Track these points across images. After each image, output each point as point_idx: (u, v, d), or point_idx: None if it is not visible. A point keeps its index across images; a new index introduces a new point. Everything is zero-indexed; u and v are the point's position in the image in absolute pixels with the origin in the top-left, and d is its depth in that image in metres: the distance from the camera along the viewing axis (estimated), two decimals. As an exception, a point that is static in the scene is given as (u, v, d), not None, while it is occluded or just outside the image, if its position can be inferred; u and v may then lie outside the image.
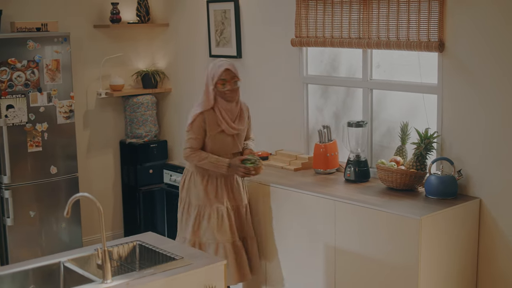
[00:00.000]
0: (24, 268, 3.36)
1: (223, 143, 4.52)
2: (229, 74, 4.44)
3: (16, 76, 5.38)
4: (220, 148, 4.52)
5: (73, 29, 5.97)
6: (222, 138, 4.51)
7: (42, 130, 5.55)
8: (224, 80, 4.42)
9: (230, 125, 4.49)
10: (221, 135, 4.50)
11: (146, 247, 3.62)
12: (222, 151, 4.53)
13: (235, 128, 4.52)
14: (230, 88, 4.44)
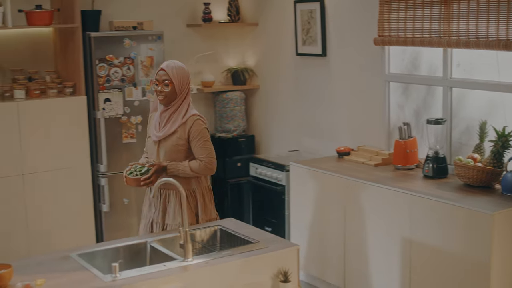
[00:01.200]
0: (115, 246, 3.68)
1: (148, 148, 4.25)
2: (162, 76, 4.07)
3: (113, 71, 5.75)
4: (148, 153, 4.28)
5: (167, 28, 6.31)
6: (149, 142, 4.23)
7: (137, 123, 5.90)
8: (156, 81, 4.09)
9: (152, 130, 4.17)
10: (149, 140, 4.23)
11: (226, 231, 3.87)
12: (149, 157, 4.24)
13: (155, 135, 4.13)
14: (159, 90, 4.07)
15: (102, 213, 5.84)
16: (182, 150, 4.08)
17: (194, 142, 4.07)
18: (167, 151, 4.09)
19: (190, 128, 4.05)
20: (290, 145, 6.46)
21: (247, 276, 3.41)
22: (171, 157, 4.09)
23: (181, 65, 4.16)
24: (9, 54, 5.70)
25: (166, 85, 4.04)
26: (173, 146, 4.07)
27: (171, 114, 4.10)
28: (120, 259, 3.48)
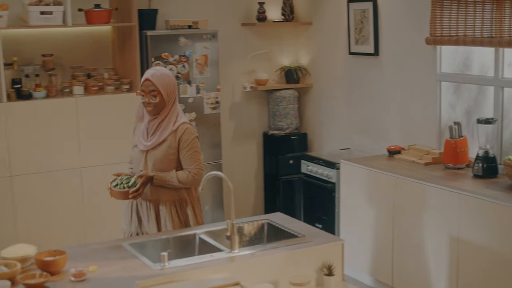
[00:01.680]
0: (165, 237, 3.81)
1: (135, 158, 4.06)
2: (148, 87, 3.88)
3: (169, 69, 5.90)
4: (133, 164, 4.09)
5: (221, 27, 6.44)
6: (135, 152, 4.04)
7: (191, 119, 6.04)
8: (142, 91, 3.90)
9: (140, 139, 4.00)
10: (135, 149, 4.05)
11: (273, 225, 3.96)
12: (135, 167, 4.06)
13: (143, 144, 3.96)
14: (146, 101, 3.89)
15: (156, 207, 6.00)
16: (172, 160, 3.93)
17: (184, 152, 3.92)
18: (156, 161, 3.92)
19: (180, 137, 3.91)
20: (342, 143, 6.52)
21: (292, 269, 3.49)
22: (160, 168, 3.91)
23: (167, 72, 3.97)
24: (69, 52, 5.91)
25: (153, 96, 3.85)
26: (163, 155, 3.90)
27: (160, 122, 3.92)
28: (170, 249, 3.59)
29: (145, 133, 3.97)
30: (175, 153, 3.92)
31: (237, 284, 3.20)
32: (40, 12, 5.37)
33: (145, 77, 3.90)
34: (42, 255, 3.31)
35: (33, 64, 5.70)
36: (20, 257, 3.31)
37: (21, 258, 3.31)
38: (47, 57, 5.68)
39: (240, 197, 6.89)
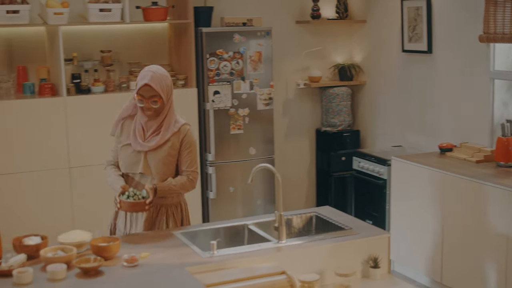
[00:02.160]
0: (216, 226, 3.93)
1: (127, 159, 3.84)
2: (148, 92, 3.68)
3: (223, 65, 6.02)
4: (123, 165, 3.86)
5: (275, 24, 6.53)
6: (128, 152, 3.83)
7: (244, 115, 6.15)
8: (141, 96, 3.70)
9: (137, 139, 3.79)
10: (128, 149, 3.83)
11: (321, 218, 4.04)
12: (126, 169, 3.86)
13: (139, 144, 3.79)
14: (146, 107, 3.72)
15: (208, 200, 6.13)
16: (173, 161, 3.84)
17: (185, 153, 3.83)
18: (159, 162, 3.79)
19: (183, 138, 3.82)
20: (394, 140, 6.54)
21: (338, 260, 3.56)
22: (162, 169, 3.80)
23: (164, 72, 3.79)
24: (126, 48, 6.08)
25: (154, 101, 3.70)
26: (164, 157, 3.79)
27: (161, 122, 3.78)
28: (219, 238, 3.70)
29: (140, 133, 3.79)
30: (176, 154, 3.83)
31: (283, 273, 3.29)
32: (99, 10, 5.56)
33: (144, 81, 3.67)
34: (97, 241, 3.45)
35: (92, 60, 5.89)
36: (76, 243, 3.46)
37: (77, 243, 3.46)
38: (106, 53, 5.86)
39: (292, 193, 6.97)
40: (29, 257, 3.39)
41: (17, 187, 5.41)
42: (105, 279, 3.17)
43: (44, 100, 5.48)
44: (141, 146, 3.78)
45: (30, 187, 5.43)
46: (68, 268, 3.25)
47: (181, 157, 3.85)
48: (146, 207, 3.66)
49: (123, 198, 3.67)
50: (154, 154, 3.79)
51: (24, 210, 5.43)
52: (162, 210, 3.89)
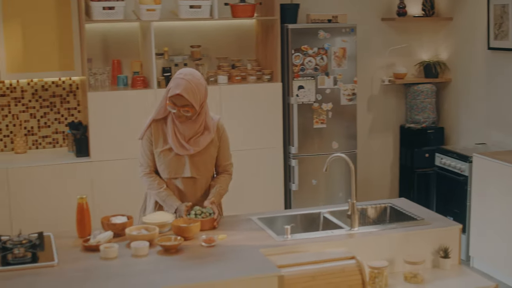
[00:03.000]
0: (292, 213, 4.10)
1: (170, 164, 3.83)
2: (180, 101, 3.67)
3: (308, 61, 6.17)
4: (166, 170, 3.85)
5: (361, 21, 6.63)
6: (170, 157, 3.83)
7: (327, 109, 6.28)
8: (173, 103, 3.69)
9: (180, 143, 3.79)
10: (169, 154, 3.83)
11: (395, 208, 4.14)
12: (170, 174, 3.86)
13: (185, 148, 3.79)
14: (177, 114, 3.72)
15: (291, 192, 6.29)
16: (214, 160, 3.93)
17: (223, 150, 3.93)
18: (203, 163, 3.86)
19: (221, 134, 3.91)
20: (478, 138, 6.52)
21: (408, 249, 3.65)
22: (204, 168, 3.88)
23: (198, 80, 3.73)
24: (215, 44, 6.32)
25: (186, 111, 3.69)
26: (209, 156, 3.87)
27: (201, 124, 3.81)
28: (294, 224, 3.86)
29: (182, 136, 3.80)
30: (216, 152, 3.92)
31: (353, 258, 3.42)
32: (189, 6, 5.80)
33: (177, 91, 3.64)
34: (178, 222, 3.67)
35: (182, 54, 6.15)
36: (159, 223, 3.69)
37: (159, 223, 3.69)
38: (195, 48, 6.12)
39: (375, 189, 7.05)
40: (116, 235, 3.65)
41: (111, 174, 5.69)
42: (184, 256, 3.38)
43: (136, 92, 5.78)
44: (185, 149, 3.79)
45: (124, 174, 5.69)
46: (150, 246, 3.48)
47: (220, 152, 3.94)
48: (214, 223, 3.76)
49: (190, 217, 3.75)
50: (199, 156, 3.83)
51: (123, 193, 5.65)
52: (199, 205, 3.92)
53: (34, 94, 5.88)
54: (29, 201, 5.41)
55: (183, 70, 3.77)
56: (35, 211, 5.39)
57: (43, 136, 5.95)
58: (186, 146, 3.78)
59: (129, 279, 3.13)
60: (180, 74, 3.74)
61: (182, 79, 3.69)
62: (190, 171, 3.84)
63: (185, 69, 3.81)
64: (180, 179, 3.87)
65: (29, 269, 3.25)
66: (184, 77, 3.70)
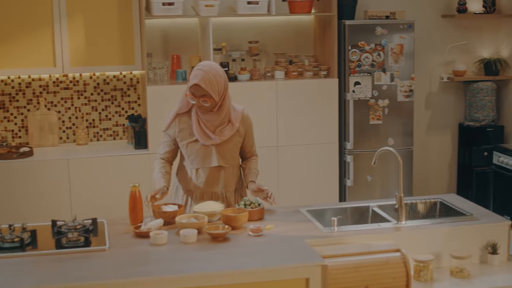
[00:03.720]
0: (341, 206, 4.15)
1: (198, 155, 3.96)
2: (198, 91, 3.78)
3: (364, 57, 6.18)
4: (195, 161, 3.98)
5: (420, 17, 6.60)
6: (196, 148, 3.95)
7: (384, 106, 6.28)
8: (193, 94, 3.82)
9: (205, 133, 3.91)
10: (195, 145, 3.95)
11: (445, 204, 4.13)
12: (198, 164, 3.98)
13: (210, 138, 3.91)
14: (197, 105, 3.85)
15: (346, 187, 6.31)
16: (238, 149, 4.05)
17: (249, 138, 4.07)
18: (229, 153, 3.98)
19: (246, 123, 4.02)
20: (539, 137, 6.43)
21: (455, 243, 3.65)
22: (230, 157, 4.00)
23: (215, 71, 3.84)
24: (273, 39, 6.38)
25: (204, 100, 3.80)
26: (234, 145, 3.99)
27: (225, 114, 3.91)
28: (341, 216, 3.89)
29: (208, 127, 3.91)
30: (242, 141, 4.04)
31: (398, 250, 3.44)
32: (247, 2, 5.89)
33: (194, 82, 3.77)
34: (227, 212, 3.76)
35: (240, 50, 6.24)
36: (208, 212, 3.78)
37: (209, 213, 3.78)
38: (253, 44, 6.20)
39: (433, 187, 7.00)
40: (167, 222, 3.76)
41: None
42: (230, 244, 3.47)
43: (194, 86, 5.90)
44: (211, 139, 3.90)
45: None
46: (199, 234, 3.58)
47: (245, 141, 4.06)
48: (271, 200, 3.94)
49: (240, 207, 3.86)
50: (224, 145, 3.95)
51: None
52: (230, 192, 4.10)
53: (96, 88, 6.06)
54: (88, 190, 5.59)
55: (202, 62, 3.89)
56: (94, 200, 5.57)
57: (104, 128, 6.13)
58: (211, 136, 3.90)
59: (176, 264, 3.23)
60: (198, 66, 3.85)
61: (200, 70, 3.80)
62: (217, 161, 3.95)
63: (204, 61, 3.94)
64: (208, 168, 3.98)
65: (81, 252, 3.38)
66: (201, 68, 3.81)
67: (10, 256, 3.34)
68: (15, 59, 5.61)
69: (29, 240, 3.52)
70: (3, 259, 3.30)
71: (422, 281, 3.49)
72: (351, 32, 6.15)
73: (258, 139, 5.92)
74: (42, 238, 3.58)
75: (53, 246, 3.45)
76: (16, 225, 3.67)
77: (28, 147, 5.70)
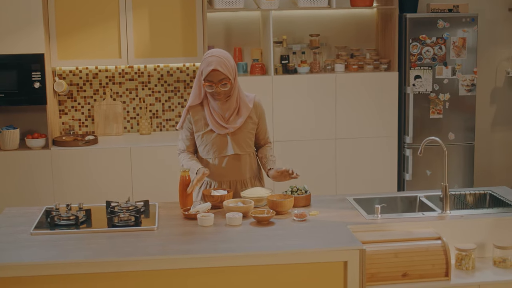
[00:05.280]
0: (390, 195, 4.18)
1: (214, 145, 4.03)
2: (217, 76, 3.83)
3: (425, 50, 6.16)
4: (211, 151, 4.05)
5: (485, 11, 6.53)
6: (211, 139, 4.02)
7: (444, 100, 6.24)
8: (210, 82, 3.85)
9: (219, 123, 3.98)
10: (210, 136, 4.02)
11: (495, 196, 4.11)
12: (215, 154, 4.05)
13: (224, 127, 3.98)
14: (217, 91, 3.87)
15: (404, 182, 6.31)
16: (252, 136, 4.10)
17: (262, 125, 4.12)
18: (244, 140, 4.04)
19: (259, 110, 4.08)
20: None
21: (499, 234, 3.64)
22: (245, 146, 4.06)
23: (226, 54, 3.93)
24: (334, 33, 6.43)
25: (224, 84, 3.86)
26: (249, 132, 4.05)
27: (237, 102, 3.99)
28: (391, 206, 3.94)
29: (220, 117, 3.98)
30: (256, 128, 4.09)
31: (439, 238, 3.46)
32: (307, -5, 5.97)
33: (211, 67, 3.82)
34: (273, 197, 3.86)
35: (301, 43, 6.32)
36: (255, 197, 3.89)
37: (255, 198, 3.88)
38: (314, 37, 6.26)
39: (497, 182, 6.89)
40: (216, 206, 3.88)
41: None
42: (274, 228, 3.57)
43: (253, 78, 6.01)
44: (225, 128, 3.98)
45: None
46: (245, 218, 3.69)
47: (260, 128, 4.12)
48: (293, 173, 3.95)
49: (286, 193, 3.95)
50: (239, 133, 4.01)
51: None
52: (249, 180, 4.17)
53: (160, 79, 6.25)
54: (148, 177, 5.77)
55: (209, 51, 3.95)
56: (153, 186, 5.73)
57: (167, 119, 6.31)
58: (224, 125, 3.97)
59: (219, 243, 3.36)
60: (207, 54, 3.92)
61: (212, 56, 3.87)
62: (233, 149, 4.02)
63: (212, 49, 4.01)
64: (224, 157, 4.04)
65: (131, 231, 3.55)
66: (212, 54, 3.88)
67: (65, 232, 3.55)
68: (83, 50, 5.85)
69: (83, 218, 3.71)
70: (59, 234, 3.52)
71: (464, 270, 3.50)
72: (412, 25, 6.14)
73: (316, 131, 6.07)
74: (96, 217, 3.77)
75: (105, 224, 3.63)
76: (73, 205, 3.88)
77: (93, 136, 5.94)
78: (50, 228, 3.59)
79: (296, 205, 3.90)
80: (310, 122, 6.08)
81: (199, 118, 4.03)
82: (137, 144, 5.84)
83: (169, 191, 5.41)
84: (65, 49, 5.83)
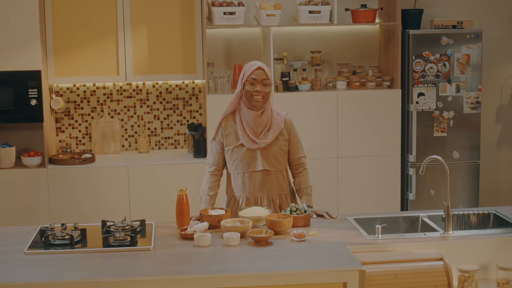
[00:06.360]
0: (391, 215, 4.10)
1: (243, 160, 4.04)
2: (260, 75, 3.96)
3: (429, 67, 6.07)
4: (240, 165, 4.06)
5: (489, 27, 6.44)
6: (242, 153, 4.05)
7: (448, 118, 6.14)
8: (254, 80, 3.95)
9: (250, 137, 4.01)
10: (240, 150, 4.05)
11: (499, 216, 4.00)
12: (244, 168, 4.06)
13: (255, 142, 4.00)
14: (259, 90, 3.95)
15: (408, 201, 6.19)
16: (285, 153, 4.11)
17: (294, 143, 4.12)
18: (274, 156, 4.05)
19: (290, 128, 4.11)
20: None
21: (503, 255, 3.53)
22: (274, 162, 4.06)
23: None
24: (336, 49, 6.35)
25: (265, 85, 3.97)
26: (280, 149, 4.06)
27: (269, 117, 4.05)
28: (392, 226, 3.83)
29: (251, 131, 4.01)
30: (287, 145, 4.10)
31: (441, 259, 3.36)
32: (308, 11, 5.88)
33: (256, 65, 3.98)
34: (272, 217, 3.76)
35: (302, 59, 6.24)
36: (253, 217, 3.79)
37: (254, 218, 3.79)
38: (315, 54, 6.18)
39: (503, 202, 6.77)
40: (213, 226, 3.79)
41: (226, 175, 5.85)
42: (272, 248, 3.48)
43: (254, 95, 5.93)
44: (256, 143, 4.01)
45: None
46: (243, 238, 3.59)
47: (291, 147, 4.12)
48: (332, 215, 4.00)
49: (285, 213, 3.87)
50: (269, 149, 4.03)
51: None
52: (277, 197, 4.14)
53: (159, 96, 6.17)
54: (145, 196, 5.69)
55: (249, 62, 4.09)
56: (151, 206, 5.65)
57: (166, 137, 6.22)
58: (255, 140, 3.99)
59: (216, 264, 3.29)
60: (249, 63, 4.07)
61: (254, 61, 4.07)
62: (262, 164, 4.02)
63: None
64: (253, 172, 4.04)
65: (126, 251, 3.48)
66: (255, 60, 4.09)
67: (59, 252, 3.48)
68: (81, 67, 5.78)
69: (78, 238, 3.65)
70: (53, 254, 3.46)
71: (467, 292, 3.39)
72: (415, 42, 6.06)
73: (317, 149, 5.96)
74: (91, 236, 3.71)
75: (100, 244, 3.56)
76: (69, 224, 3.81)
77: (90, 154, 5.85)
78: (45, 248, 3.53)
79: (295, 225, 3.80)
80: (311, 140, 5.97)
81: (230, 132, 4.06)
82: (135, 162, 5.76)
83: (167, 211, 5.31)
84: (63, 66, 5.77)
